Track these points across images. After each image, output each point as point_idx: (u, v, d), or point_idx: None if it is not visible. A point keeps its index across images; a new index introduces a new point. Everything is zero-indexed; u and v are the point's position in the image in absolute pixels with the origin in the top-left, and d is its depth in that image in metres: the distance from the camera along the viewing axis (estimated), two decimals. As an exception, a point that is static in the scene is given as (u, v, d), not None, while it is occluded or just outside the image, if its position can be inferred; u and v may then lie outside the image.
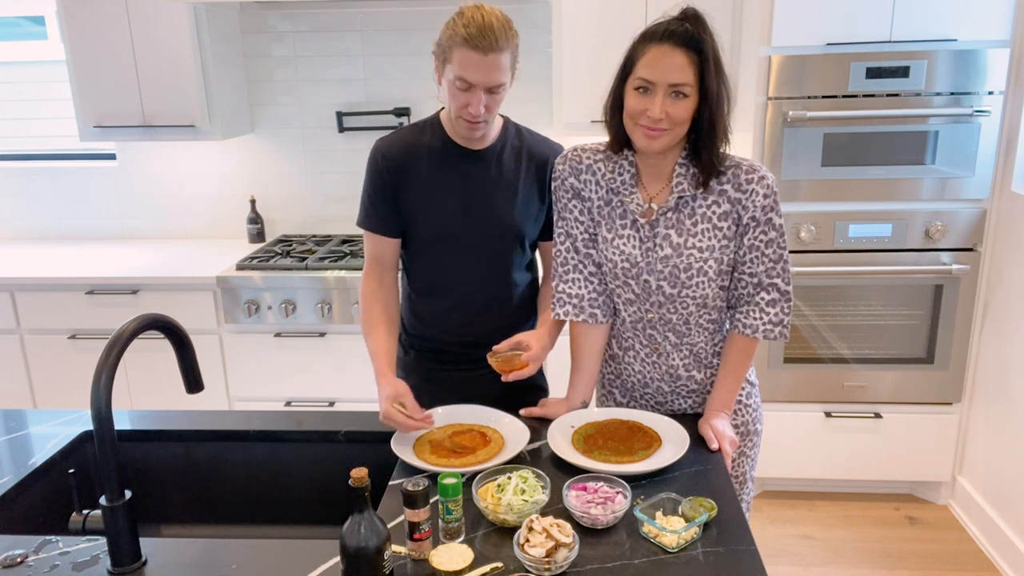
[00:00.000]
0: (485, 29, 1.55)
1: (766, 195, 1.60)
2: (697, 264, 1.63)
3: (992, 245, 2.88)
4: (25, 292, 3.13)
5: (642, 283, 1.67)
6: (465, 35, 1.56)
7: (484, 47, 1.56)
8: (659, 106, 1.51)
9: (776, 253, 1.64)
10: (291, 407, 3.20)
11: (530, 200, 1.83)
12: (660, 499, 1.43)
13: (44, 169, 3.65)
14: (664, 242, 1.63)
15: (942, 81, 2.71)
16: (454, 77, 1.61)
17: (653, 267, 1.65)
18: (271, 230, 3.62)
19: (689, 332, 1.72)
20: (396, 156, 1.79)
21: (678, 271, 1.63)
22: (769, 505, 3.17)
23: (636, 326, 1.75)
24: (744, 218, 1.61)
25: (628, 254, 1.66)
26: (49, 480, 1.67)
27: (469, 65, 1.58)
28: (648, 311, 1.70)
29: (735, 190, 1.60)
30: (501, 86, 1.63)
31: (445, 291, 1.87)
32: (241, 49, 3.40)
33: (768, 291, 1.66)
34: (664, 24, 1.53)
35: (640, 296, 1.69)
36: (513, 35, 1.62)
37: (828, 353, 3.01)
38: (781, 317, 1.67)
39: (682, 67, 1.50)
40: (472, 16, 1.57)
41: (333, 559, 1.32)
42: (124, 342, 1.26)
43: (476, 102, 1.62)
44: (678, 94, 1.52)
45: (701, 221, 1.62)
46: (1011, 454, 2.77)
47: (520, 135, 1.85)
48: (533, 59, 3.32)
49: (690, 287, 1.65)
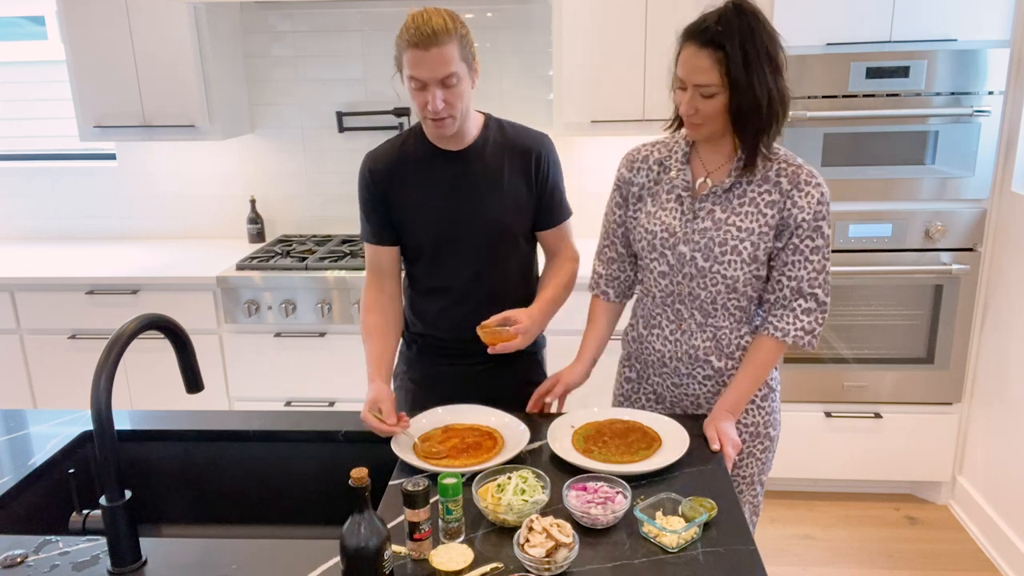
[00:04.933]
0: (423, 27, 1.61)
1: (820, 202, 1.63)
2: (732, 242, 1.65)
3: (992, 245, 2.88)
4: (25, 292, 3.13)
5: (677, 253, 1.70)
6: (407, 37, 1.63)
7: (425, 44, 1.61)
8: (687, 103, 1.60)
9: (820, 263, 1.66)
10: (291, 407, 3.20)
11: (517, 193, 1.85)
12: (660, 499, 1.43)
13: (44, 169, 3.65)
14: (707, 216, 1.67)
15: (942, 81, 2.71)
16: (407, 79, 1.67)
17: (690, 237, 1.68)
18: (271, 230, 3.62)
19: (715, 313, 1.73)
20: (383, 168, 1.84)
21: (712, 244, 1.66)
22: (769, 505, 3.17)
23: (665, 301, 1.76)
24: (795, 217, 1.63)
25: (668, 224, 1.71)
26: (49, 480, 1.67)
27: (416, 63, 1.63)
28: (679, 283, 1.72)
29: (790, 184, 1.63)
30: (452, 76, 1.65)
31: (443, 291, 1.89)
32: (241, 49, 3.40)
33: (807, 299, 1.67)
34: (700, 20, 1.58)
35: (673, 268, 1.72)
36: (455, 27, 1.65)
37: (828, 353, 3.01)
38: (814, 327, 1.68)
39: (706, 68, 1.55)
40: (413, 18, 1.63)
41: (333, 559, 1.32)
42: (124, 342, 1.26)
43: (433, 98, 1.66)
44: (705, 95, 1.57)
45: (748, 204, 1.65)
46: (1011, 454, 2.77)
47: (502, 130, 1.87)
48: (533, 59, 3.32)
49: (722, 263, 1.66)
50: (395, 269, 1.91)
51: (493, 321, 1.72)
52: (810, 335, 1.68)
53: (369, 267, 1.91)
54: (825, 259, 1.66)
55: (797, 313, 1.67)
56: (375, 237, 1.88)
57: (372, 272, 1.91)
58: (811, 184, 1.63)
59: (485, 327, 1.72)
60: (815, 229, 1.64)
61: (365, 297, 1.90)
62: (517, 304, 1.87)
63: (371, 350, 1.82)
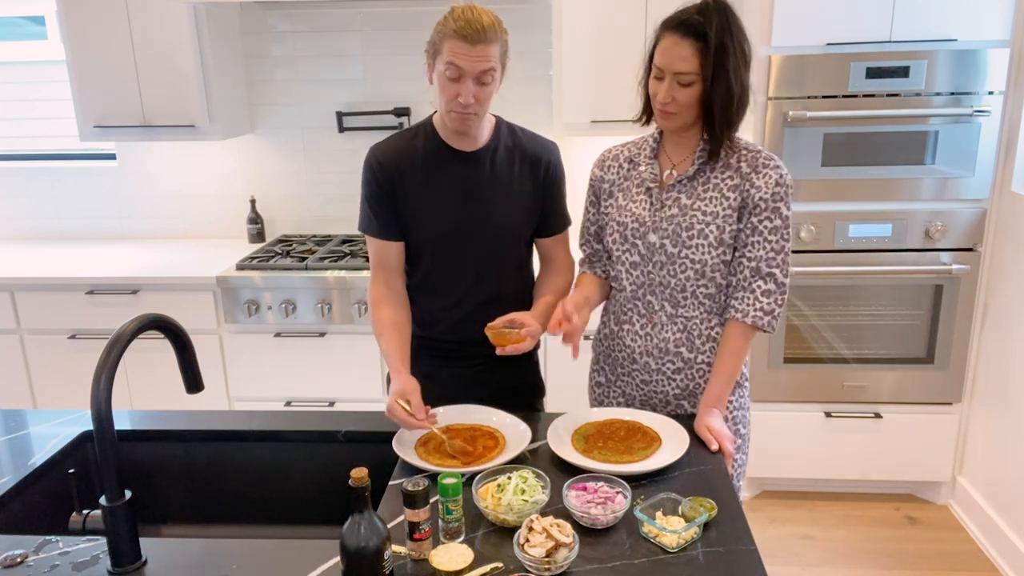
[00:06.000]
0: (474, 22, 1.62)
1: (778, 183, 1.67)
2: (699, 226, 1.69)
3: (992, 245, 2.88)
4: (25, 292, 3.13)
5: (647, 243, 1.74)
6: (455, 27, 1.63)
7: (473, 38, 1.62)
8: (665, 92, 1.64)
9: (779, 244, 1.69)
10: (291, 407, 3.20)
11: (524, 199, 1.85)
12: (660, 499, 1.43)
13: (44, 169, 3.65)
14: (674, 204, 1.72)
15: (942, 81, 2.71)
16: (444, 67, 1.66)
17: (658, 225, 1.72)
18: (271, 230, 3.62)
19: (685, 303, 1.75)
20: (391, 161, 1.81)
21: (680, 229, 1.70)
22: (769, 505, 3.17)
23: (636, 293, 1.79)
24: (752, 196, 1.67)
25: (637, 215, 1.76)
26: (49, 480, 1.67)
27: (459, 53, 1.64)
28: (650, 273, 1.75)
29: (749, 167, 1.68)
30: (489, 73, 1.67)
31: (444, 290, 1.88)
32: (241, 49, 3.40)
33: (766, 280, 1.70)
34: (680, 13, 1.63)
35: (644, 257, 1.75)
36: (502, 31, 1.69)
37: (828, 353, 3.01)
38: (773, 307, 1.70)
39: (687, 57, 1.60)
40: (462, 12, 1.64)
41: (333, 559, 1.32)
42: (124, 342, 1.26)
43: (466, 91, 1.66)
44: (683, 83, 1.61)
45: (712, 189, 1.70)
46: (1011, 454, 2.77)
47: (513, 134, 1.87)
48: (533, 59, 3.32)
49: (690, 247, 1.70)
50: (401, 264, 1.89)
51: (500, 323, 1.71)
52: (769, 316, 1.70)
53: (375, 262, 1.88)
54: (784, 240, 1.69)
55: (757, 295, 1.70)
56: (382, 231, 1.84)
57: (378, 268, 1.87)
58: (769, 166, 1.68)
59: (493, 328, 1.71)
60: (773, 210, 1.67)
61: (373, 293, 1.87)
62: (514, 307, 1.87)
63: (390, 343, 1.79)
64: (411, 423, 1.62)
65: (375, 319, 1.85)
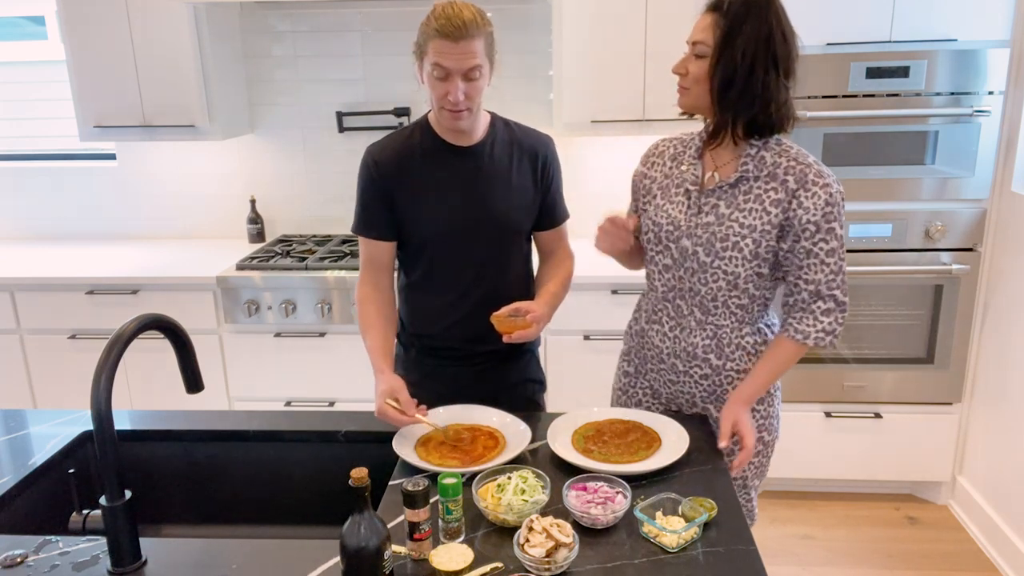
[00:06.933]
0: (454, 18, 1.62)
1: (828, 203, 1.61)
2: (734, 238, 1.65)
3: (992, 245, 2.88)
4: (25, 292, 3.13)
5: (680, 247, 1.71)
6: (437, 26, 1.64)
7: (455, 35, 1.62)
8: (681, 62, 1.65)
9: (836, 264, 1.64)
10: (291, 407, 3.20)
11: (524, 191, 1.86)
12: (660, 499, 1.43)
13: (44, 169, 3.65)
14: (711, 211, 1.68)
15: (942, 81, 2.71)
16: (431, 67, 1.67)
17: (693, 231, 1.69)
18: (271, 230, 3.62)
19: (716, 311, 1.73)
20: (388, 160, 1.81)
21: (714, 239, 1.66)
22: (769, 505, 3.17)
23: (667, 296, 1.77)
24: (800, 219, 1.61)
25: (674, 217, 1.72)
26: (49, 480, 1.67)
27: (443, 52, 1.64)
28: (681, 278, 1.73)
29: (796, 183, 1.62)
30: (476, 69, 1.66)
31: (445, 287, 1.88)
32: (241, 49, 3.40)
33: (826, 301, 1.66)
34: None
35: (676, 261, 1.73)
36: (485, 24, 1.67)
37: (828, 353, 3.01)
38: (835, 327, 1.67)
39: (704, 27, 1.61)
40: (443, 10, 1.64)
41: (333, 559, 1.32)
42: (124, 342, 1.26)
43: (454, 89, 1.66)
44: (696, 54, 1.62)
45: (753, 201, 1.65)
46: (1011, 454, 2.76)
47: (509, 128, 1.88)
48: (533, 59, 3.32)
49: (723, 259, 1.66)
50: (391, 264, 1.90)
51: (505, 311, 1.72)
52: (831, 335, 1.68)
53: (365, 262, 1.89)
54: (841, 259, 1.65)
55: (817, 315, 1.66)
56: (374, 231, 1.85)
57: (368, 267, 1.88)
58: (819, 184, 1.61)
59: (498, 317, 1.72)
60: (828, 231, 1.62)
61: (360, 291, 1.88)
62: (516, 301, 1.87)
63: (374, 341, 1.80)
64: (403, 421, 1.63)
65: (361, 317, 1.86)
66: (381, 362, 1.75)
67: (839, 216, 1.62)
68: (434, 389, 1.88)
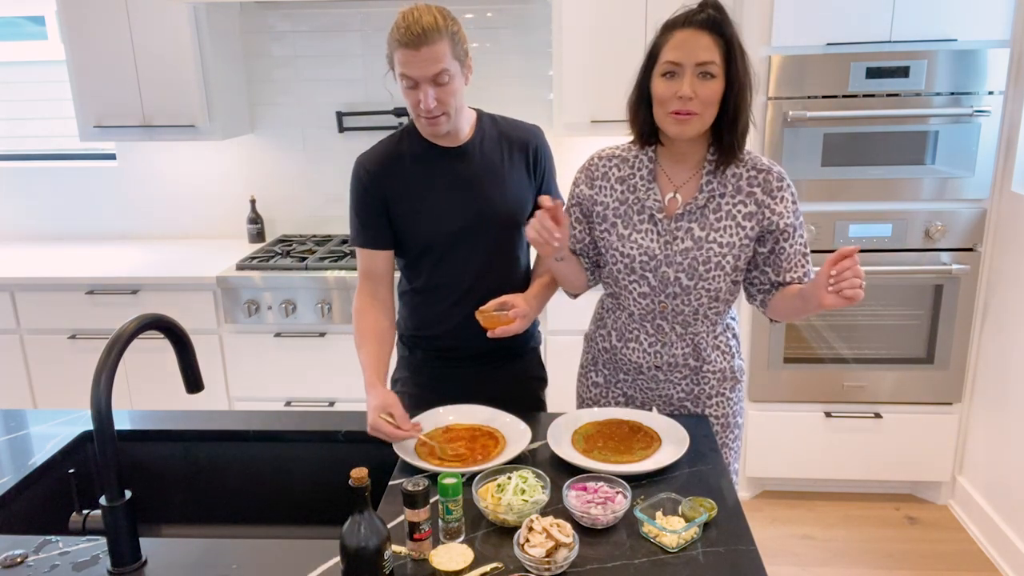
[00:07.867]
0: (414, 26, 1.60)
1: (793, 200, 1.67)
2: (716, 259, 1.66)
3: (992, 245, 2.88)
4: (25, 292, 3.13)
5: (660, 275, 1.70)
6: (398, 37, 1.62)
7: (416, 43, 1.60)
8: (687, 87, 1.53)
9: (807, 247, 1.71)
10: (291, 407, 3.20)
11: (519, 184, 1.86)
12: (660, 499, 1.43)
13: (44, 169, 3.65)
14: (686, 236, 1.67)
15: (942, 81, 2.71)
16: (399, 78, 1.67)
17: (672, 259, 1.68)
18: (271, 230, 3.62)
19: (695, 322, 1.75)
20: (380, 168, 1.81)
21: (697, 263, 1.66)
22: (769, 505, 3.17)
23: (645, 318, 1.77)
24: (777, 224, 1.65)
25: (646, 248, 1.69)
26: (49, 480, 1.67)
27: (407, 62, 1.63)
28: (662, 302, 1.73)
29: (763, 193, 1.64)
30: (443, 74, 1.64)
31: (449, 288, 1.87)
32: (241, 49, 3.40)
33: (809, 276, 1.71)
34: (685, 13, 1.57)
35: (656, 288, 1.71)
36: (448, 24, 1.64)
37: (828, 353, 3.01)
38: None
39: (708, 47, 1.54)
40: (403, 16, 1.62)
41: (333, 559, 1.32)
42: (124, 342, 1.26)
43: (425, 97, 1.65)
44: (705, 74, 1.54)
45: (725, 218, 1.65)
46: (1011, 454, 2.76)
47: (496, 123, 1.87)
48: (533, 59, 3.32)
49: (707, 279, 1.68)
50: (390, 274, 1.88)
51: (491, 306, 1.72)
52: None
53: (362, 273, 1.87)
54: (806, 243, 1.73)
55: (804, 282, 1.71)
56: (372, 241, 1.84)
57: (365, 278, 1.87)
58: (781, 187, 1.65)
59: (483, 312, 1.72)
60: (800, 225, 1.69)
61: (358, 303, 1.86)
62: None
63: (369, 355, 1.78)
64: (398, 435, 1.62)
65: (357, 329, 1.84)
66: (374, 377, 1.74)
67: (798, 203, 1.68)
68: (438, 389, 1.88)
